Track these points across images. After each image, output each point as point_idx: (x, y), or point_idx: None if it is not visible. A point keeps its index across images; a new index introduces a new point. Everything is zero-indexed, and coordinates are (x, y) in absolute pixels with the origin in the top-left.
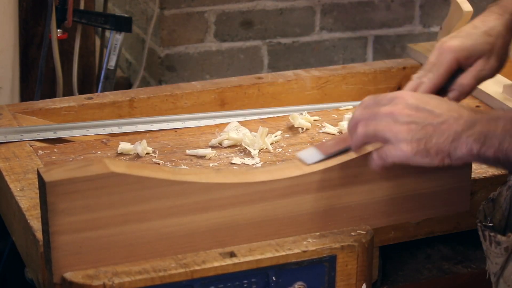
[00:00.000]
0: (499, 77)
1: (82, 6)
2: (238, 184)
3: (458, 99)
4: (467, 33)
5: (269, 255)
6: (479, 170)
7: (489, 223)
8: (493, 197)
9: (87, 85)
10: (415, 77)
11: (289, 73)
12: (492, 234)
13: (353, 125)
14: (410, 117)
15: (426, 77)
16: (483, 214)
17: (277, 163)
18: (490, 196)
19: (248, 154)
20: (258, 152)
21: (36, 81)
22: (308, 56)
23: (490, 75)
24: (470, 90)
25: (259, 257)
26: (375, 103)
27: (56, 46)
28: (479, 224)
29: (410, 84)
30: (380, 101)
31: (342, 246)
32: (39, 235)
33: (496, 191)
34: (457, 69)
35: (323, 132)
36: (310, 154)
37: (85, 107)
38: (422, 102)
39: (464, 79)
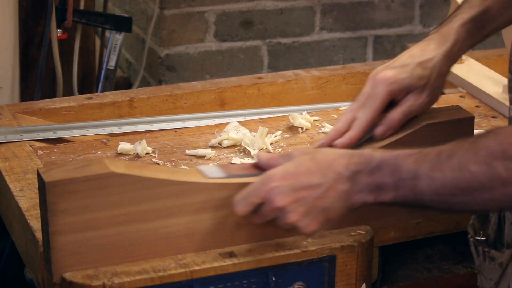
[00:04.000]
0: (499, 77)
1: (82, 6)
2: (238, 184)
3: (384, 134)
4: (402, 63)
5: (268, 255)
6: None
7: (481, 237)
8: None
9: (87, 85)
10: (349, 110)
11: (289, 73)
12: (486, 249)
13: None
14: (294, 203)
15: (360, 111)
16: (473, 229)
17: None
18: None
19: (247, 154)
20: (258, 152)
21: (36, 81)
22: (308, 56)
23: (420, 110)
24: (398, 126)
25: (258, 257)
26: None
27: (56, 46)
28: (471, 239)
29: (344, 118)
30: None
31: (341, 246)
32: (38, 235)
33: None
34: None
35: (322, 132)
36: (212, 171)
37: (85, 107)
38: (295, 181)
39: (393, 114)
